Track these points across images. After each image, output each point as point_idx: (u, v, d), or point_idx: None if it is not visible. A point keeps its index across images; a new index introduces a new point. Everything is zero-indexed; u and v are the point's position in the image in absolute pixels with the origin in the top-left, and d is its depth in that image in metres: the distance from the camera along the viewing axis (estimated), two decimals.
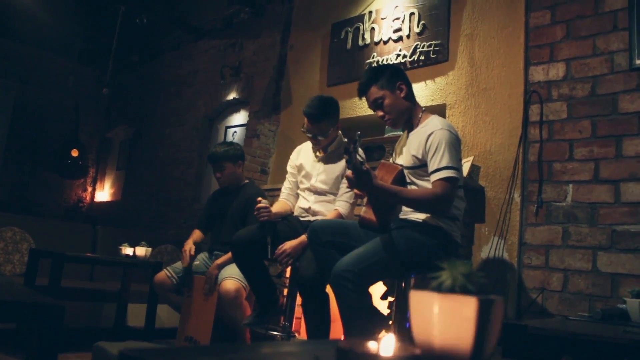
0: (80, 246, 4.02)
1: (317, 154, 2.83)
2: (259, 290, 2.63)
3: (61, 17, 6.04)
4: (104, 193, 6.84)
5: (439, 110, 3.21)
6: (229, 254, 2.98)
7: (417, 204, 2.04)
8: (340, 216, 2.60)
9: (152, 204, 5.77)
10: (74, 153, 6.55)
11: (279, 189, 3.10)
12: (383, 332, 2.21)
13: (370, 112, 3.75)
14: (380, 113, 2.23)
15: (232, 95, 5.11)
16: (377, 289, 2.33)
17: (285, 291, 3.31)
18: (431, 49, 3.42)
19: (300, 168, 2.85)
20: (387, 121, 2.26)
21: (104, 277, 4.05)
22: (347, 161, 1.84)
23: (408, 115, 2.23)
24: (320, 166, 2.78)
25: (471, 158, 2.99)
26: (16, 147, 6.35)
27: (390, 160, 2.48)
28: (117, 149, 6.88)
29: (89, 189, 6.98)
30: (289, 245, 2.52)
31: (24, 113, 6.41)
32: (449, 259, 1.97)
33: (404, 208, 2.20)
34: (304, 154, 2.90)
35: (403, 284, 2.22)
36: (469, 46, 3.25)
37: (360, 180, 1.90)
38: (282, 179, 3.08)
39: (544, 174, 2.79)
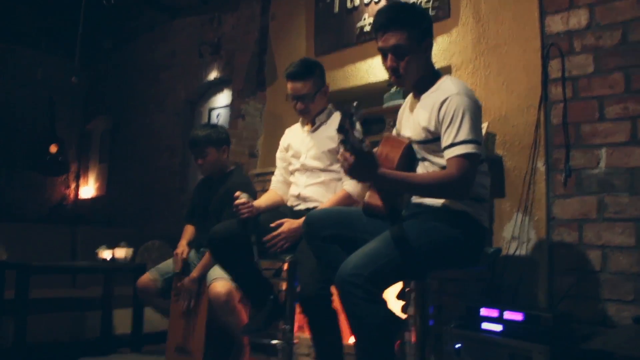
0: (59, 251, 3.69)
1: (306, 128, 2.50)
2: (249, 291, 2.31)
3: (21, 4, 5.56)
4: (88, 188, 6.46)
5: (444, 73, 2.82)
6: (203, 261, 2.66)
7: (430, 190, 1.67)
8: (349, 198, 2.24)
9: (138, 196, 5.41)
10: (53, 149, 6.14)
11: (271, 173, 2.77)
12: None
13: (366, 81, 3.38)
14: (392, 63, 1.78)
15: (213, 75, 4.71)
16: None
17: (284, 285, 2.98)
18: (430, 4, 3.03)
19: (288, 148, 2.52)
20: (396, 77, 1.82)
21: (88, 282, 3.72)
22: (342, 142, 1.45)
23: (421, 76, 1.84)
24: (310, 141, 2.45)
25: (485, 125, 2.63)
26: None
27: (394, 132, 2.12)
28: (98, 141, 6.48)
29: (72, 185, 6.59)
30: (287, 227, 2.19)
31: None
32: (478, 249, 1.63)
33: None
34: (291, 134, 2.59)
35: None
36: None
37: (359, 165, 1.52)
38: (272, 161, 2.74)
39: (571, 138, 2.43)
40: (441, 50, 2.96)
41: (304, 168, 2.40)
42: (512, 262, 2.47)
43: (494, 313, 2.10)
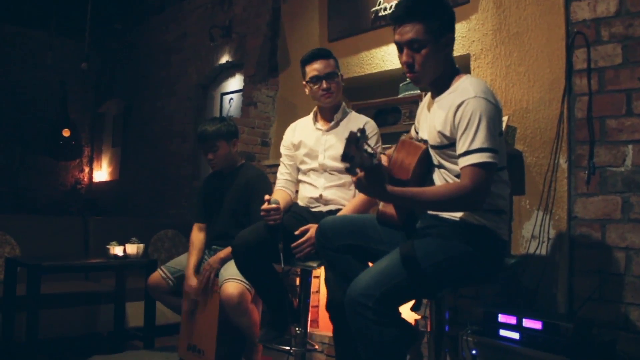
0: (71, 242, 3.67)
1: (319, 124, 2.40)
2: (269, 299, 2.24)
3: None
4: (102, 172, 6.46)
5: (462, 62, 2.69)
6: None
7: (442, 205, 1.58)
8: (370, 200, 2.16)
9: (150, 182, 5.39)
10: (66, 133, 6.13)
11: None
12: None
13: (381, 68, 3.25)
14: (408, 59, 1.64)
15: (224, 59, 4.61)
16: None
17: (298, 280, 2.93)
18: None
19: (300, 146, 2.40)
20: (412, 74, 1.68)
21: (100, 275, 3.70)
22: (347, 170, 1.37)
23: (438, 75, 1.71)
24: (327, 139, 2.34)
25: (505, 118, 2.51)
26: (2, 133, 5.93)
27: (412, 131, 2.01)
28: (110, 124, 6.45)
29: (86, 170, 6.60)
30: (314, 233, 2.06)
31: (7, 96, 5.95)
32: (497, 265, 1.55)
33: None
34: (301, 130, 2.45)
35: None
36: None
37: (368, 181, 1.44)
38: None
39: (596, 134, 2.31)
40: (460, 37, 2.82)
41: (322, 168, 2.30)
42: (532, 262, 2.39)
43: (511, 320, 2.03)
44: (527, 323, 1.99)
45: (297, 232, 2.12)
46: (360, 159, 1.35)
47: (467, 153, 1.51)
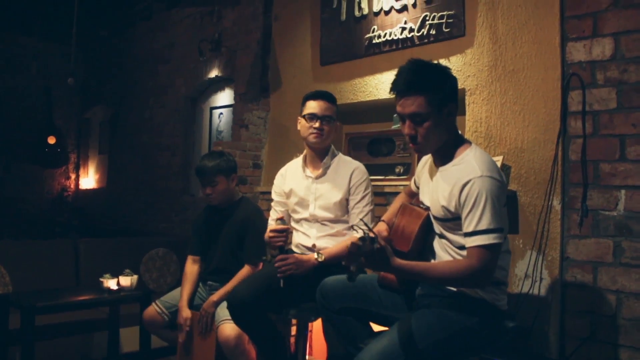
0: (62, 267, 3.62)
1: (309, 172, 2.39)
2: (264, 348, 2.26)
3: None
4: (88, 180, 6.38)
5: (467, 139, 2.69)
6: (227, 287, 2.59)
7: (449, 282, 1.60)
8: None
9: (139, 193, 5.33)
10: (51, 140, 6.03)
11: None
12: None
13: (374, 97, 3.23)
14: (410, 131, 1.64)
15: (213, 73, 4.55)
16: None
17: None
18: (443, 21, 2.87)
19: (290, 194, 2.41)
20: (413, 144, 1.68)
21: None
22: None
23: (441, 144, 1.70)
24: (318, 188, 2.35)
25: (500, 158, 2.53)
26: None
27: (412, 184, 2.01)
28: (97, 130, 6.36)
29: (72, 177, 6.51)
30: (298, 257, 2.20)
31: None
32: (496, 336, 1.57)
33: None
34: (291, 177, 2.45)
35: None
36: (490, 17, 2.71)
37: (372, 262, 1.47)
38: (276, 174, 2.62)
39: (589, 177, 2.34)
40: (455, 71, 2.79)
41: (314, 219, 2.32)
42: (525, 301, 2.43)
43: None
44: None
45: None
46: (361, 250, 1.37)
47: (474, 234, 1.52)
